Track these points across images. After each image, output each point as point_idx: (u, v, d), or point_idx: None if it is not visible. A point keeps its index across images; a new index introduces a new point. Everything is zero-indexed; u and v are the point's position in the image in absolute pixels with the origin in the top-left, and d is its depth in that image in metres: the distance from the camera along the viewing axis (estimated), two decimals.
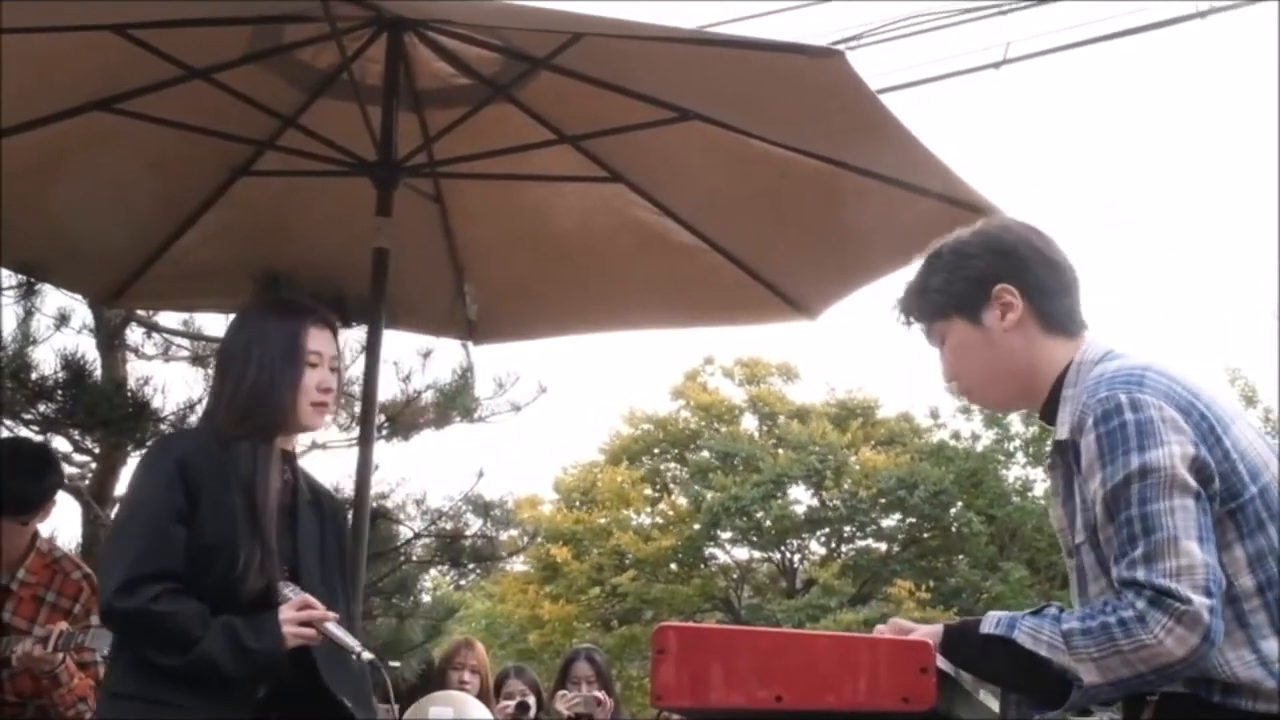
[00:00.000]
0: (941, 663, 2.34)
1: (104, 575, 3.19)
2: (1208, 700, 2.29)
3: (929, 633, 2.43)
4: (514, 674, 6.30)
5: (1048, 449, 2.59)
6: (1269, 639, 2.28)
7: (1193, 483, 2.27)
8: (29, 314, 6.02)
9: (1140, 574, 2.24)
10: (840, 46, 4.84)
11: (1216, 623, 2.21)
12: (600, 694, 5.83)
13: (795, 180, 4.56)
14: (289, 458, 3.39)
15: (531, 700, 5.95)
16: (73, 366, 5.90)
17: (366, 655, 3.22)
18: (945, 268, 2.58)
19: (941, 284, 2.57)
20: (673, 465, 25.74)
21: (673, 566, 24.42)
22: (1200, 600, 2.20)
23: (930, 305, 2.59)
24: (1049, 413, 2.53)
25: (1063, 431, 2.44)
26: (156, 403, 6.20)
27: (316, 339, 3.34)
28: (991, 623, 2.38)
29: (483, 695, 5.89)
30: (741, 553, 25.15)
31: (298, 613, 3.16)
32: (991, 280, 2.52)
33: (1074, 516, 2.43)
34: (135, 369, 6.79)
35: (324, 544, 3.39)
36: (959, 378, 2.63)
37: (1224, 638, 2.26)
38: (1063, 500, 2.48)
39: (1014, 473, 24.64)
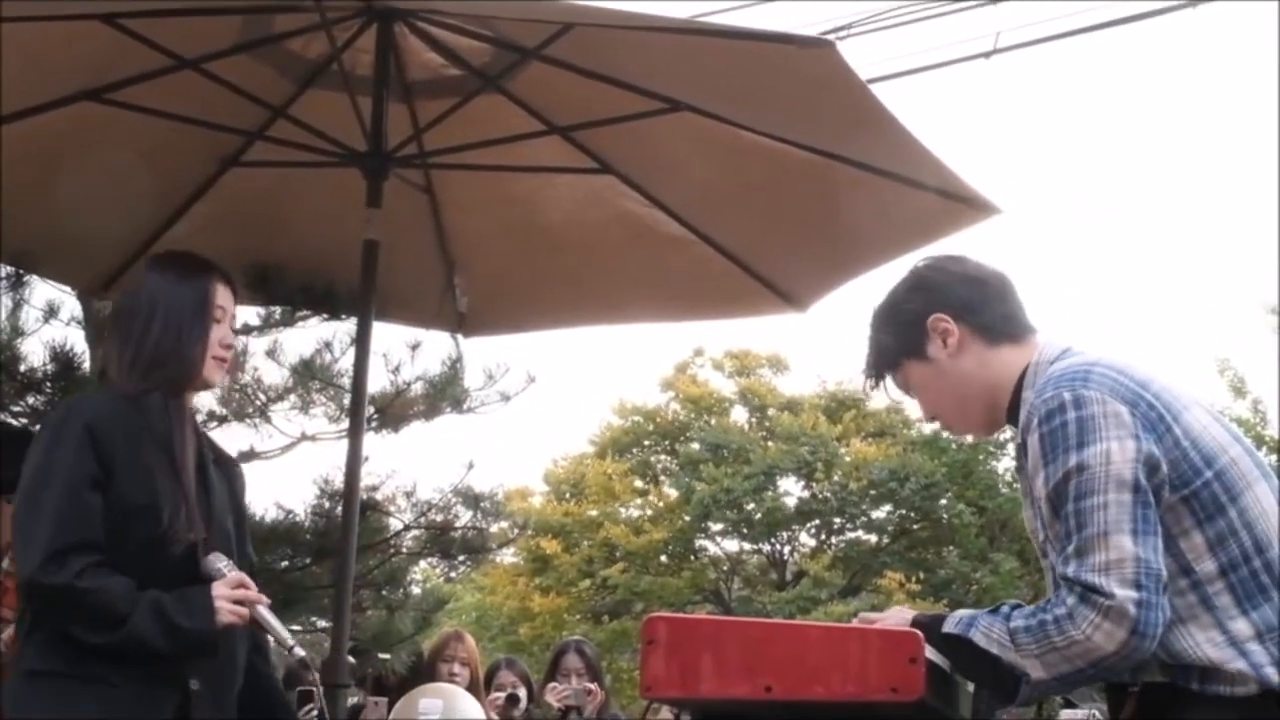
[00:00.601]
0: (931, 653, 2.35)
1: (23, 548, 2.99)
2: (1186, 688, 2.32)
3: (898, 620, 2.46)
4: (505, 666, 6.30)
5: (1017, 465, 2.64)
6: (1236, 619, 2.32)
7: (1129, 476, 2.31)
8: (18, 306, 6.00)
9: (1071, 569, 2.31)
10: (830, 36, 4.83)
11: (1147, 614, 2.26)
12: (590, 685, 5.83)
13: (786, 172, 4.56)
14: (191, 415, 3.29)
15: (522, 692, 5.95)
16: (62, 359, 5.89)
17: (299, 651, 3.14)
18: (885, 321, 2.71)
19: (886, 336, 2.70)
20: (663, 457, 25.73)
21: (663, 559, 24.42)
22: (1125, 594, 2.25)
23: (886, 358, 2.71)
24: (1015, 416, 2.58)
25: (1021, 434, 2.50)
26: None
27: (221, 295, 3.27)
28: (953, 622, 2.45)
29: (473, 687, 5.89)
30: (731, 545, 25.18)
31: (232, 591, 3.05)
32: (923, 315, 2.63)
33: (1037, 516, 2.47)
34: None
35: (232, 506, 3.30)
36: (934, 413, 2.74)
37: (1191, 621, 2.32)
38: (1030, 501, 2.53)
39: (1004, 464, 24.67)
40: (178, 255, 3.39)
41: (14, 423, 5.89)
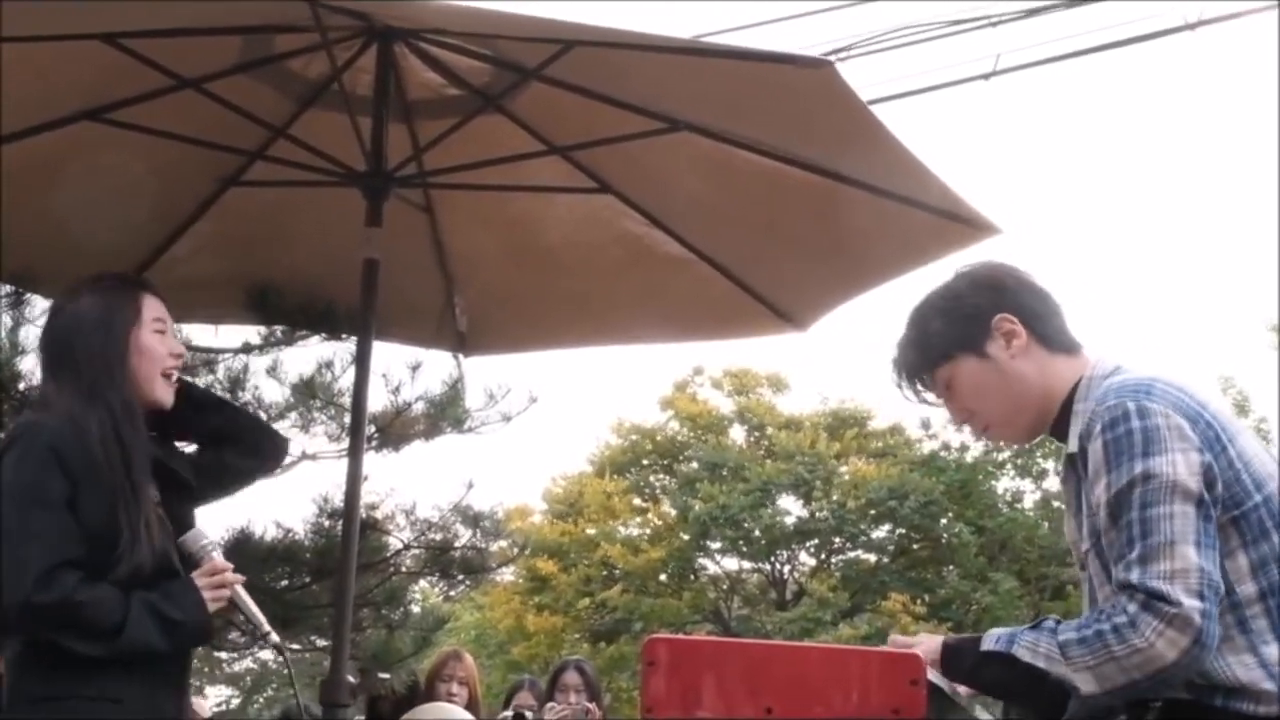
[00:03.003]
0: (933, 675, 2.34)
1: (10, 573, 2.93)
2: (1210, 704, 2.32)
3: (928, 649, 2.44)
4: (527, 686, 6.33)
5: (1057, 470, 2.62)
6: (1270, 644, 2.32)
7: (1195, 489, 2.31)
8: (18, 324, 5.99)
9: (1134, 576, 2.28)
10: (830, 57, 4.84)
11: (1210, 626, 2.24)
12: (589, 705, 5.83)
13: (786, 191, 4.56)
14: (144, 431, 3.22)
15: (534, 713, 5.94)
16: None
17: (273, 637, 3.21)
18: (940, 312, 2.62)
19: (941, 327, 2.60)
20: (662, 476, 25.71)
21: (662, 578, 24.38)
22: (1191, 604, 2.23)
23: (933, 351, 2.62)
24: (1060, 429, 2.56)
25: (1073, 444, 2.49)
26: None
27: (153, 307, 3.24)
28: (991, 640, 2.42)
29: (471, 706, 5.89)
30: (731, 563, 25.14)
31: (211, 578, 3.10)
32: (989, 312, 2.57)
33: (1083, 526, 2.46)
34: None
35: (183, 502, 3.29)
36: (976, 416, 2.66)
37: (1225, 643, 2.30)
38: (1074, 512, 2.52)
39: (1003, 484, 24.67)
40: (100, 276, 3.34)
41: None
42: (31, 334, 6.02)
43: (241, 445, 3.51)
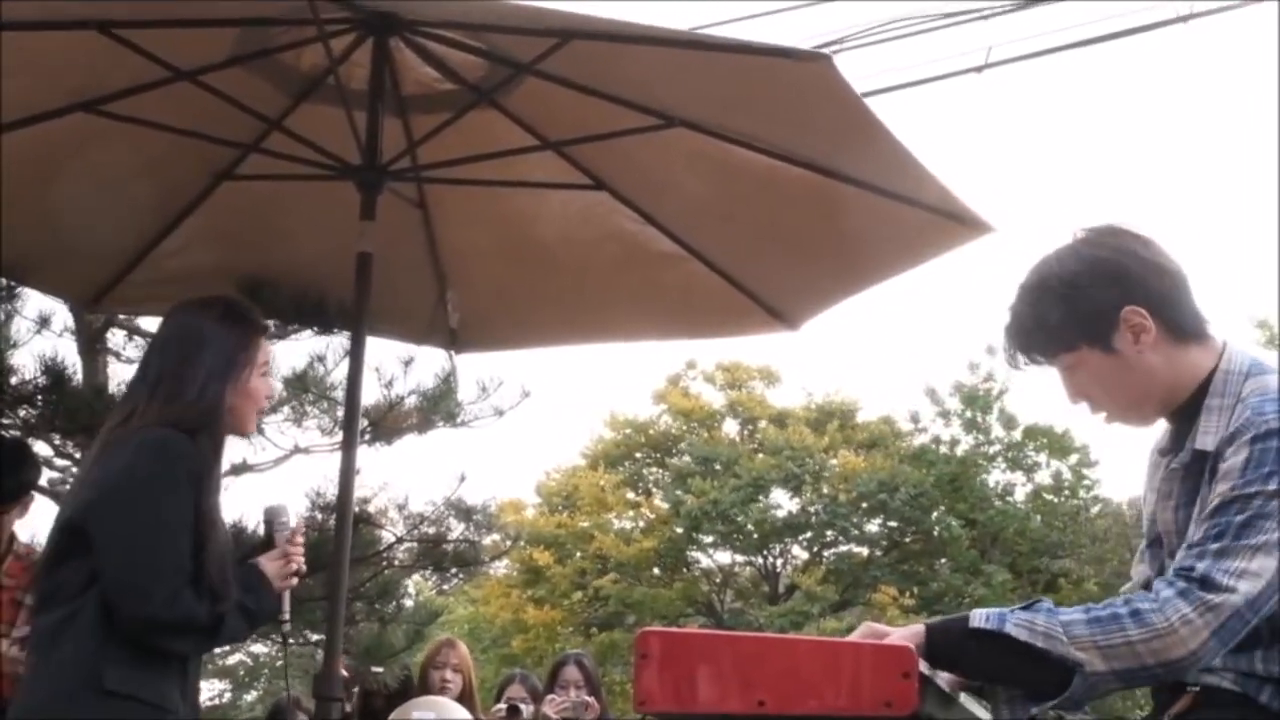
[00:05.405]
0: (923, 666, 2.34)
1: (147, 583, 3.10)
2: (1255, 700, 2.29)
3: (908, 635, 2.41)
4: (518, 680, 6.30)
5: (1172, 464, 2.48)
6: None
7: None
8: (9, 317, 5.98)
9: (1198, 564, 2.23)
10: (824, 50, 4.84)
11: (1234, 625, 2.20)
12: (588, 699, 5.83)
13: (780, 189, 4.56)
14: None
15: (525, 705, 5.94)
16: (53, 371, 5.87)
17: (286, 626, 3.48)
18: (1061, 301, 2.48)
19: (1062, 318, 2.48)
20: (655, 469, 25.74)
21: (655, 571, 24.42)
22: (1234, 599, 2.19)
23: (1054, 340, 2.51)
24: (1183, 416, 2.48)
25: (1207, 442, 2.40)
26: None
27: (266, 349, 3.45)
28: (980, 618, 2.35)
29: (465, 695, 5.89)
30: (724, 556, 25.18)
31: (277, 563, 3.35)
32: (1116, 306, 2.45)
33: (1186, 524, 2.39)
34: (116, 372, 6.76)
35: None
36: (1096, 405, 2.56)
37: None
38: (1178, 505, 2.45)
39: (994, 477, 24.72)
40: (229, 307, 3.46)
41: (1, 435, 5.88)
42: (23, 327, 6.02)
43: None
